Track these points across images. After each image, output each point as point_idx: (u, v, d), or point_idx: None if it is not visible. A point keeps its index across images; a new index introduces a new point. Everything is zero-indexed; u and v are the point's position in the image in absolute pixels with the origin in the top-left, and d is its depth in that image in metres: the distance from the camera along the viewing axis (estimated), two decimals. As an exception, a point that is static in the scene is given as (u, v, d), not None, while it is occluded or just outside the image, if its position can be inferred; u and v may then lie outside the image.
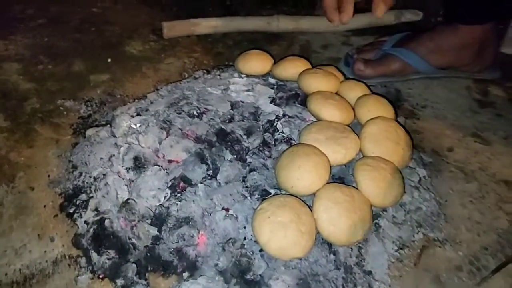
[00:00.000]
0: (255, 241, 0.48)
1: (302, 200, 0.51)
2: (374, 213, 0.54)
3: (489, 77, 0.87)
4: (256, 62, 0.72)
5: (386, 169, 0.53)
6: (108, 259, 0.50)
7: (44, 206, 0.58)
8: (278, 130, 0.62)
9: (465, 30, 0.79)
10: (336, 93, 0.67)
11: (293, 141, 0.60)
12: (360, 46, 0.93)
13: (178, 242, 0.49)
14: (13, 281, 0.49)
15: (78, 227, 0.54)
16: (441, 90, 0.84)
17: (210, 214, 0.51)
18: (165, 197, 0.53)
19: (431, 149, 0.71)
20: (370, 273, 0.51)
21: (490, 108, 0.80)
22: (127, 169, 0.56)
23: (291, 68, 0.71)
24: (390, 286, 0.51)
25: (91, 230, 0.52)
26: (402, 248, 0.54)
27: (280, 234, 0.46)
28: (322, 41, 1.00)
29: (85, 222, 0.53)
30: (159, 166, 0.56)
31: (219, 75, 0.76)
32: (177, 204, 0.52)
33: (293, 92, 0.68)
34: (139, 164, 0.56)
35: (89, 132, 0.65)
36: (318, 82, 0.66)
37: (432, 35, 0.82)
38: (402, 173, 0.59)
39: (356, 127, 0.62)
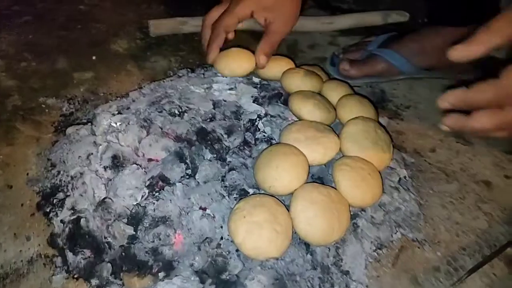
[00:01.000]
0: (231, 241, 0.48)
1: (279, 200, 0.51)
2: (352, 213, 0.54)
3: (473, 78, 0.87)
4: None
5: (365, 169, 0.53)
6: (83, 259, 0.49)
7: (22, 204, 0.57)
8: (259, 130, 0.62)
9: (448, 31, 0.79)
10: (319, 93, 0.67)
11: (274, 141, 0.60)
12: (346, 46, 0.93)
13: (154, 241, 0.49)
14: (-13, 280, 0.49)
15: (54, 226, 0.53)
16: (425, 90, 0.84)
17: (187, 214, 0.51)
18: (142, 196, 0.53)
19: (413, 150, 0.71)
20: (347, 273, 0.51)
21: (474, 109, 0.81)
22: (105, 168, 0.56)
23: (275, 68, 0.70)
24: (367, 286, 0.51)
25: (67, 229, 0.51)
26: (380, 248, 0.55)
27: (255, 234, 0.46)
28: (309, 40, 1.00)
29: (61, 221, 0.53)
30: (137, 165, 0.56)
31: (203, 74, 0.75)
32: (154, 203, 0.51)
33: (276, 92, 0.68)
34: (117, 163, 0.56)
35: (69, 130, 0.64)
36: (300, 81, 0.66)
37: (416, 36, 0.83)
38: (382, 174, 0.59)
39: (338, 127, 0.62)
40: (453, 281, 0.52)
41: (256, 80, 0.72)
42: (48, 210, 0.55)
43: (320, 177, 0.57)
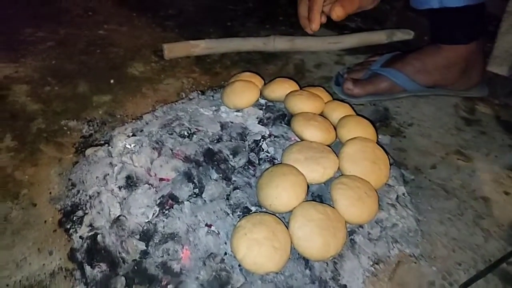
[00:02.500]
0: (234, 256, 0.52)
1: (279, 218, 0.54)
2: (349, 230, 0.57)
3: (477, 95, 0.90)
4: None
5: (361, 188, 0.56)
6: (100, 272, 0.54)
7: (45, 221, 0.62)
8: (263, 150, 0.66)
9: (450, 49, 0.82)
10: (321, 114, 0.71)
11: (276, 160, 0.63)
12: (350, 65, 0.97)
13: (163, 256, 0.53)
14: (13, 291, 0.54)
15: (74, 242, 0.58)
16: (428, 108, 0.87)
17: (194, 230, 0.55)
18: (153, 214, 0.57)
19: (414, 167, 0.73)
20: (345, 287, 0.54)
21: (476, 126, 0.83)
22: (120, 188, 0.60)
23: (279, 90, 0.74)
24: (364, 299, 0.54)
25: (85, 244, 0.56)
26: (378, 263, 0.57)
27: (255, 250, 0.49)
28: (316, 60, 1.04)
29: (80, 237, 0.57)
30: (149, 184, 0.60)
31: (212, 96, 0.80)
32: (163, 220, 0.55)
33: (281, 113, 0.72)
34: (131, 183, 0.61)
35: (88, 151, 0.69)
36: (302, 103, 0.69)
37: (419, 55, 0.85)
38: (380, 191, 0.62)
39: (338, 146, 0.65)
40: (447, 295, 0.54)
41: (262, 101, 0.76)
42: (68, 226, 0.60)
43: (319, 195, 0.60)
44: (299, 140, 0.66)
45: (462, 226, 0.63)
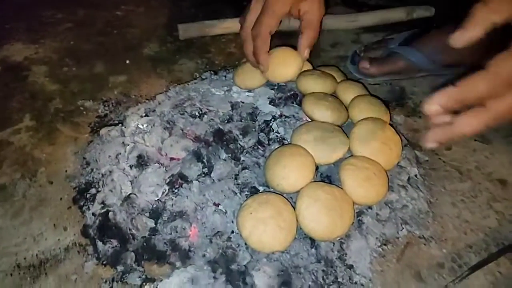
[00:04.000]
0: (240, 235, 0.52)
1: (286, 198, 0.54)
2: (358, 211, 0.57)
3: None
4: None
5: (370, 169, 0.56)
6: (111, 248, 0.56)
7: (61, 198, 0.65)
8: (273, 130, 0.65)
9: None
10: (333, 94, 0.70)
11: (286, 141, 0.63)
12: (368, 44, 0.94)
13: (171, 233, 0.54)
14: (31, 264, 0.56)
15: (87, 219, 0.60)
16: (446, 88, 0.84)
17: (202, 209, 0.56)
18: (163, 192, 0.58)
19: (428, 148, 0.72)
20: (351, 267, 0.54)
21: (496, 106, 0.80)
22: (131, 166, 0.62)
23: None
24: (370, 279, 0.54)
25: (97, 221, 0.58)
26: (386, 244, 0.57)
27: (260, 229, 0.50)
28: (332, 39, 1.02)
29: (93, 214, 0.59)
30: (160, 163, 0.61)
31: (225, 76, 0.80)
32: (172, 199, 0.56)
33: (292, 93, 0.72)
34: (142, 162, 0.62)
35: (102, 131, 0.71)
36: (314, 83, 0.68)
37: (438, 33, 0.82)
38: (391, 172, 0.61)
39: (350, 127, 0.64)
40: (456, 278, 0.53)
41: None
42: (82, 204, 0.62)
43: (328, 176, 0.60)
44: (310, 120, 0.65)
45: (476, 209, 0.62)
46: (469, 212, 0.61)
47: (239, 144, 0.63)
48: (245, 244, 0.52)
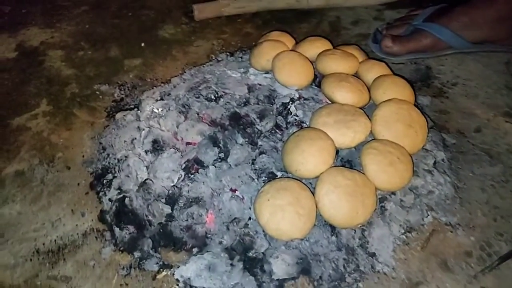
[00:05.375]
0: (257, 222, 0.51)
1: (305, 184, 0.52)
2: (380, 197, 0.54)
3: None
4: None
5: (393, 153, 0.53)
6: (128, 234, 0.55)
7: (78, 184, 0.64)
8: (291, 113, 0.63)
9: (503, 1, 0.74)
10: (354, 74, 0.66)
11: (305, 124, 0.61)
12: (391, 21, 0.90)
13: (188, 220, 0.53)
14: (49, 250, 0.56)
15: (104, 204, 0.59)
16: (475, 65, 0.80)
17: (219, 195, 0.54)
18: (179, 178, 0.57)
19: (456, 130, 0.68)
20: (373, 255, 0.52)
21: (530, 85, 0.75)
22: (146, 152, 0.60)
23: (311, 50, 0.70)
24: (394, 268, 0.52)
25: (114, 207, 0.57)
26: (410, 231, 0.55)
27: (278, 216, 0.48)
28: (353, 16, 0.97)
29: (109, 199, 0.59)
30: (176, 148, 0.60)
31: (241, 58, 0.77)
32: (188, 185, 0.55)
33: (311, 74, 0.69)
34: (157, 147, 0.60)
35: (118, 116, 0.70)
36: (335, 63, 0.65)
37: (467, 7, 0.78)
38: (417, 156, 0.58)
39: (372, 109, 0.61)
40: (485, 267, 0.51)
41: (292, 62, 0.72)
42: (99, 189, 0.61)
43: (349, 160, 0.57)
44: (330, 102, 0.62)
45: (507, 194, 0.59)
46: (499, 198, 0.58)
47: (256, 128, 0.61)
48: (263, 231, 0.51)
